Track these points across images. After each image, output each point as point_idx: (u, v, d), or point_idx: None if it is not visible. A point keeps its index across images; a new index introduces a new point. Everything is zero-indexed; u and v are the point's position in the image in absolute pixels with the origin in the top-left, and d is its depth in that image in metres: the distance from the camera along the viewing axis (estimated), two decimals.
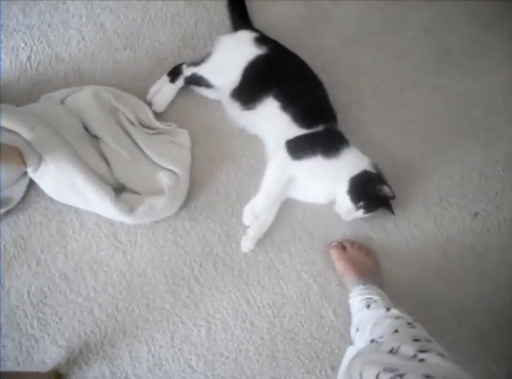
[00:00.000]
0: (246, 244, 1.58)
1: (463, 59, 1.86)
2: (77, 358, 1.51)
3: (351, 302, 1.48)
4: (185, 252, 1.60)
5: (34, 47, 1.79)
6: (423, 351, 0.93)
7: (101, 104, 1.63)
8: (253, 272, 1.59)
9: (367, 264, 1.56)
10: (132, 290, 1.56)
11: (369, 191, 1.51)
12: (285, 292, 1.57)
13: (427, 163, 1.71)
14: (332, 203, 1.60)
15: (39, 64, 1.77)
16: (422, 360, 0.91)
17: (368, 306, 1.34)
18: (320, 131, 1.55)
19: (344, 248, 1.59)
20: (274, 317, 1.55)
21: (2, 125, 1.50)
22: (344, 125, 1.64)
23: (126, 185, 1.60)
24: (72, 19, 1.84)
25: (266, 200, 1.57)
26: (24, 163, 1.50)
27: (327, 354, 1.52)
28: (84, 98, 1.64)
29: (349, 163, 1.54)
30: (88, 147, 1.59)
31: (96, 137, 1.62)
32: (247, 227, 1.60)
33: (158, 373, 1.50)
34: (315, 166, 1.53)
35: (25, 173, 1.57)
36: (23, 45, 1.79)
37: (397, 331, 1.11)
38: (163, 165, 1.60)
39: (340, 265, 1.56)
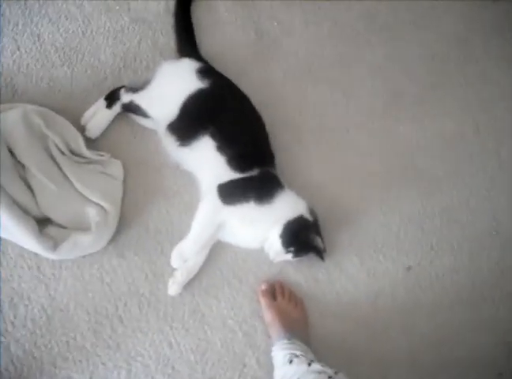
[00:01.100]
0: (174, 287, 1.56)
1: (412, 103, 1.84)
2: None
3: (273, 355, 1.48)
4: (110, 289, 1.57)
5: None
6: None
7: (30, 129, 1.56)
8: (178, 314, 1.57)
9: (294, 316, 1.56)
10: (52, 327, 1.53)
11: (302, 238, 1.50)
12: (209, 338, 1.56)
13: (365, 212, 1.71)
14: (263, 248, 1.58)
15: None
16: None
17: (291, 362, 1.36)
18: (254, 176, 1.52)
19: (273, 296, 1.58)
20: (196, 362, 1.55)
21: None
22: (283, 165, 1.63)
23: (51, 218, 1.55)
24: (7, 25, 1.75)
25: (195, 244, 1.55)
26: None
27: None
28: (12, 120, 1.57)
29: (284, 208, 1.52)
30: (13, 174, 1.53)
31: (21, 164, 1.56)
32: (175, 269, 1.57)
33: None
34: (247, 212, 1.51)
35: None
36: None
37: None
38: (92, 199, 1.55)
39: (268, 315, 1.56)
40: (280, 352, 1.43)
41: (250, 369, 1.55)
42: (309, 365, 1.28)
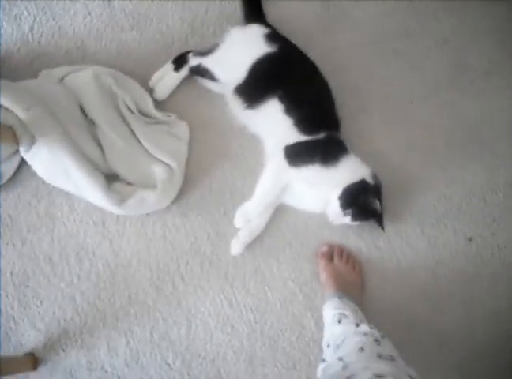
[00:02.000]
0: (236, 247, 1.59)
1: (478, 76, 1.82)
2: (54, 343, 1.54)
3: (324, 313, 1.50)
4: (172, 247, 1.62)
5: (37, 18, 1.76)
6: (379, 376, 0.95)
7: (101, 88, 1.62)
8: (239, 274, 1.60)
9: (350, 279, 1.58)
10: (115, 281, 1.59)
11: (360, 201, 1.51)
12: (269, 298, 1.59)
13: (427, 181, 1.70)
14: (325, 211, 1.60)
15: (41, 36, 1.75)
16: None
17: (339, 321, 1.37)
18: (321, 139, 1.54)
19: (331, 258, 1.61)
20: (256, 322, 1.57)
21: None
22: (347, 132, 1.64)
23: (119, 175, 1.60)
24: None
25: (259, 205, 1.58)
26: (17, 142, 1.50)
27: (304, 366, 1.55)
28: (84, 79, 1.63)
29: (348, 171, 1.53)
30: (83, 131, 1.58)
31: (92, 122, 1.61)
32: (238, 229, 1.60)
33: (134, 367, 1.54)
34: (312, 174, 1.53)
35: (17, 151, 1.57)
36: (26, 14, 1.76)
37: (362, 349, 1.14)
38: (159, 157, 1.60)
39: (323, 276, 1.59)
40: (330, 311, 1.45)
41: (308, 332, 1.57)
42: (357, 325, 1.29)
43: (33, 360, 1.53)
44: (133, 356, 1.54)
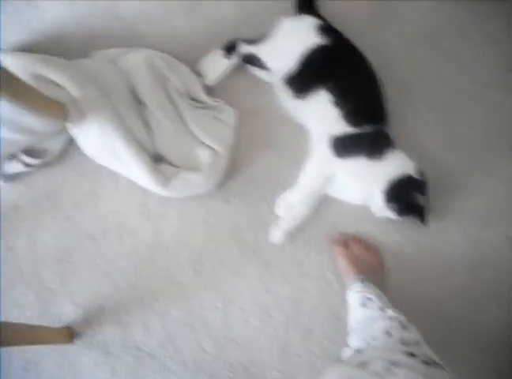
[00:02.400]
0: (277, 235, 1.60)
1: None
2: (91, 318, 1.57)
3: (348, 298, 1.48)
4: (213, 232, 1.63)
5: (95, 1, 1.80)
6: (394, 364, 0.93)
7: (152, 70, 1.65)
8: (278, 262, 1.60)
9: (369, 261, 1.57)
10: (155, 262, 1.61)
11: (405, 195, 1.51)
12: (307, 288, 1.59)
13: (472, 181, 1.68)
14: (368, 205, 1.59)
15: (96, 18, 1.79)
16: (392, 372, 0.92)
17: (364, 305, 1.36)
18: (368, 132, 1.54)
19: (346, 245, 1.60)
20: (292, 311, 1.57)
21: (53, 79, 1.53)
22: (394, 127, 1.62)
23: (164, 156, 1.63)
24: None
25: (302, 193, 1.58)
26: (67, 119, 1.54)
27: None
28: (136, 61, 1.66)
29: (393, 166, 1.52)
30: (132, 111, 1.61)
31: (141, 103, 1.64)
32: (280, 217, 1.61)
33: (168, 348, 1.55)
34: (358, 166, 1.53)
35: (66, 128, 1.60)
36: None
37: (388, 333, 1.13)
38: (205, 141, 1.62)
39: (341, 262, 1.57)
40: (354, 295, 1.43)
41: (343, 323, 1.54)
42: (382, 310, 1.28)
43: (69, 333, 1.55)
44: (167, 337, 1.56)
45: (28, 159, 1.62)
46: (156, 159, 1.62)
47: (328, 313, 1.57)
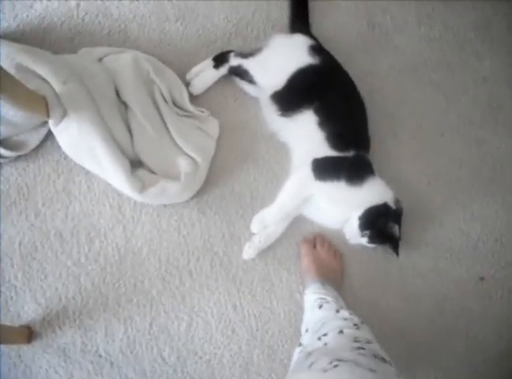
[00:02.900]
0: (249, 252, 1.59)
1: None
2: (52, 319, 1.53)
3: (305, 298, 1.51)
4: (185, 242, 1.61)
5: None
6: (339, 360, 0.94)
7: (139, 73, 1.63)
8: (247, 279, 1.60)
9: (331, 266, 1.61)
10: (123, 267, 1.58)
11: (380, 224, 1.52)
12: (274, 308, 1.59)
13: (447, 215, 1.71)
14: (342, 229, 1.60)
15: (86, 14, 1.75)
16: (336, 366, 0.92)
17: (320, 307, 1.37)
18: (350, 157, 1.55)
19: (314, 246, 1.63)
20: (257, 329, 1.57)
21: (36, 71, 1.50)
22: (375, 154, 1.64)
23: (143, 162, 1.60)
24: None
25: (279, 213, 1.58)
26: (47, 114, 1.50)
27: None
28: (123, 61, 1.64)
29: (372, 193, 1.54)
30: (115, 113, 1.59)
31: (125, 105, 1.62)
32: (254, 234, 1.60)
33: (128, 356, 1.53)
34: (337, 190, 1.53)
35: (46, 122, 1.57)
36: None
37: (341, 331, 1.15)
38: (186, 150, 1.60)
39: (305, 261, 1.60)
40: (312, 296, 1.46)
41: None
42: (337, 311, 1.30)
43: (28, 333, 1.51)
44: (129, 344, 1.53)
45: (2, 151, 1.57)
46: (135, 164, 1.59)
47: (293, 335, 1.57)
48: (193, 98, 1.69)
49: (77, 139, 1.52)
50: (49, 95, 1.50)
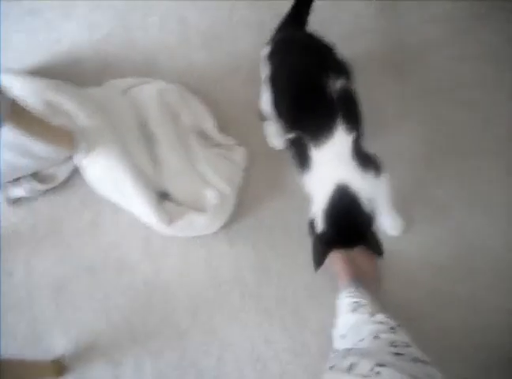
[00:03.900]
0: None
1: None
2: (82, 353, 1.54)
3: (339, 302, 1.44)
4: (214, 274, 1.59)
5: (112, 28, 1.84)
6: (380, 365, 0.88)
7: (165, 104, 1.63)
8: (278, 312, 1.56)
9: (365, 268, 1.54)
10: (152, 300, 1.58)
11: None
12: (306, 341, 1.54)
13: (485, 241, 1.64)
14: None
15: (113, 46, 1.79)
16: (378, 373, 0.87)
17: (354, 311, 1.32)
18: None
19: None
20: (289, 364, 1.53)
21: (63, 106, 1.52)
22: (407, 179, 1.60)
23: (170, 193, 1.60)
24: (156, 6, 1.84)
25: None
26: (74, 148, 1.52)
27: None
28: (148, 93, 1.65)
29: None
30: (140, 145, 1.60)
31: (151, 137, 1.62)
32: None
33: None
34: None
35: (73, 156, 1.58)
36: (102, 23, 1.82)
37: (377, 336, 1.09)
38: (213, 180, 1.59)
39: (337, 264, 1.54)
40: (346, 300, 1.39)
41: None
42: (372, 315, 1.24)
43: (60, 367, 1.52)
44: (159, 378, 1.52)
45: (32, 184, 1.60)
46: (162, 196, 1.59)
47: None
48: (220, 127, 1.68)
49: (103, 172, 1.54)
50: (75, 130, 1.52)
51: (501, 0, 1.87)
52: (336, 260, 1.54)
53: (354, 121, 1.29)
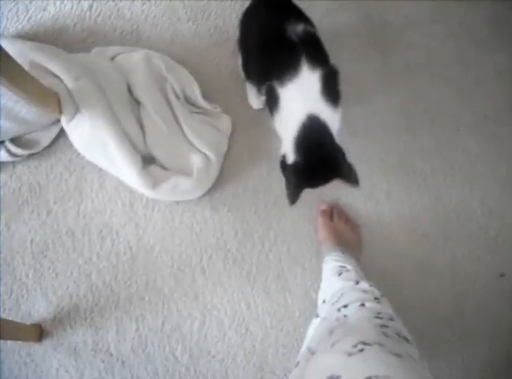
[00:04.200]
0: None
1: None
2: (63, 318, 1.52)
3: (324, 266, 1.46)
4: (198, 239, 1.60)
5: None
6: (365, 343, 0.89)
7: (151, 70, 1.63)
8: (261, 276, 1.58)
9: (349, 237, 1.58)
10: (135, 265, 1.57)
11: None
12: (289, 305, 1.56)
13: (464, 210, 1.68)
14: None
15: (98, 15, 1.78)
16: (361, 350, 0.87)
17: (340, 274, 1.33)
18: None
19: (331, 217, 1.61)
20: (271, 327, 1.54)
21: (49, 68, 1.51)
22: (391, 148, 1.63)
23: (156, 158, 1.60)
24: None
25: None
26: (60, 111, 1.52)
27: None
28: (135, 59, 1.65)
29: None
30: (127, 110, 1.59)
31: (137, 102, 1.63)
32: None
33: (140, 355, 1.50)
34: None
35: (58, 121, 1.58)
36: None
37: (363, 304, 1.10)
38: (198, 147, 1.59)
39: (323, 232, 1.58)
40: (331, 263, 1.42)
41: None
42: (357, 282, 1.24)
43: (39, 331, 1.50)
44: (140, 343, 1.51)
45: (15, 149, 1.58)
46: (147, 160, 1.59)
47: None
48: (205, 94, 1.69)
49: (90, 135, 1.53)
50: (61, 91, 1.51)
51: None
52: (322, 227, 1.58)
53: (319, 59, 1.31)
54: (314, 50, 1.33)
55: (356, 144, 1.69)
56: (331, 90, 1.30)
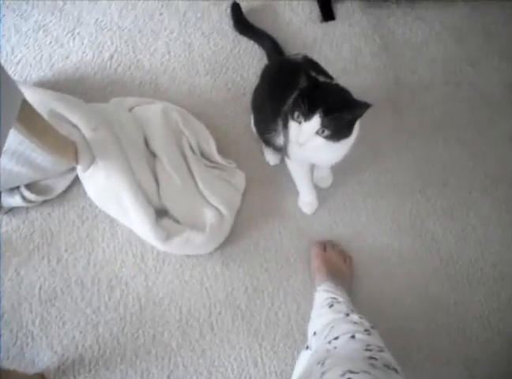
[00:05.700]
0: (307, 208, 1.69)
1: None
2: (67, 368, 1.52)
3: (316, 295, 1.47)
4: (207, 294, 1.60)
5: (119, 49, 1.86)
6: (352, 372, 0.90)
7: (168, 123, 1.68)
8: (270, 334, 1.57)
9: (342, 269, 1.60)
10: (143, 317, 1.57)
11: None
12: None
13: (476, 274, 1.70)
14: None
15: (119, 65, 1.84)
16: None
17: (331, 306, 1.34)
18: None
19: (324, 248, 1.63)
20: None
21: (68, 117, 1.56)
22: (402, 211, 1.66)
23: (169, 211, 1.62)
24: (163, 31, 1.91)
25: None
26: (76, 160, 1.55)
27: None
28: (153, 112, 1.69)
29: None
30: (143, 162, 1.62)
31: (153, 154, 1.66)
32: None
33: None
34: None
35: (73, 169, 1.61)
36: (109, 43, 1.87)
37: (353, 336, 1.11)
38: (212, 202, 1.62)
39: (315, 262, 1.61)
40: (323, 294, 1.43)
41: None
42: (347, 315, 1.25)
43: None
44: None
45: (29, 195, 1.61)
46: (161, 213, 1.61)
47: None
48: (220, 148, 1.72)
49: (104, 186, 1.56)
50: (79, 140, 1.55)
51: (492, 46, 2.01)
52: (315, 258, 1.62)
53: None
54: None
55: (369, 205, 1.73)
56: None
